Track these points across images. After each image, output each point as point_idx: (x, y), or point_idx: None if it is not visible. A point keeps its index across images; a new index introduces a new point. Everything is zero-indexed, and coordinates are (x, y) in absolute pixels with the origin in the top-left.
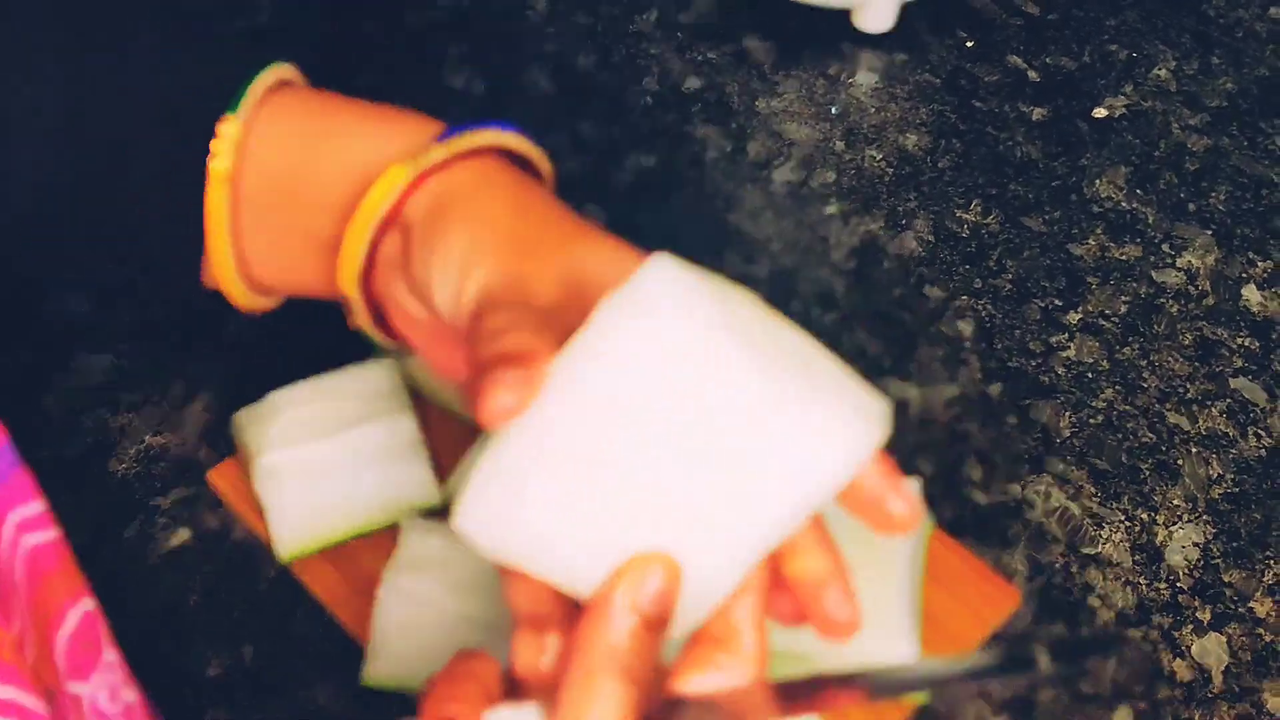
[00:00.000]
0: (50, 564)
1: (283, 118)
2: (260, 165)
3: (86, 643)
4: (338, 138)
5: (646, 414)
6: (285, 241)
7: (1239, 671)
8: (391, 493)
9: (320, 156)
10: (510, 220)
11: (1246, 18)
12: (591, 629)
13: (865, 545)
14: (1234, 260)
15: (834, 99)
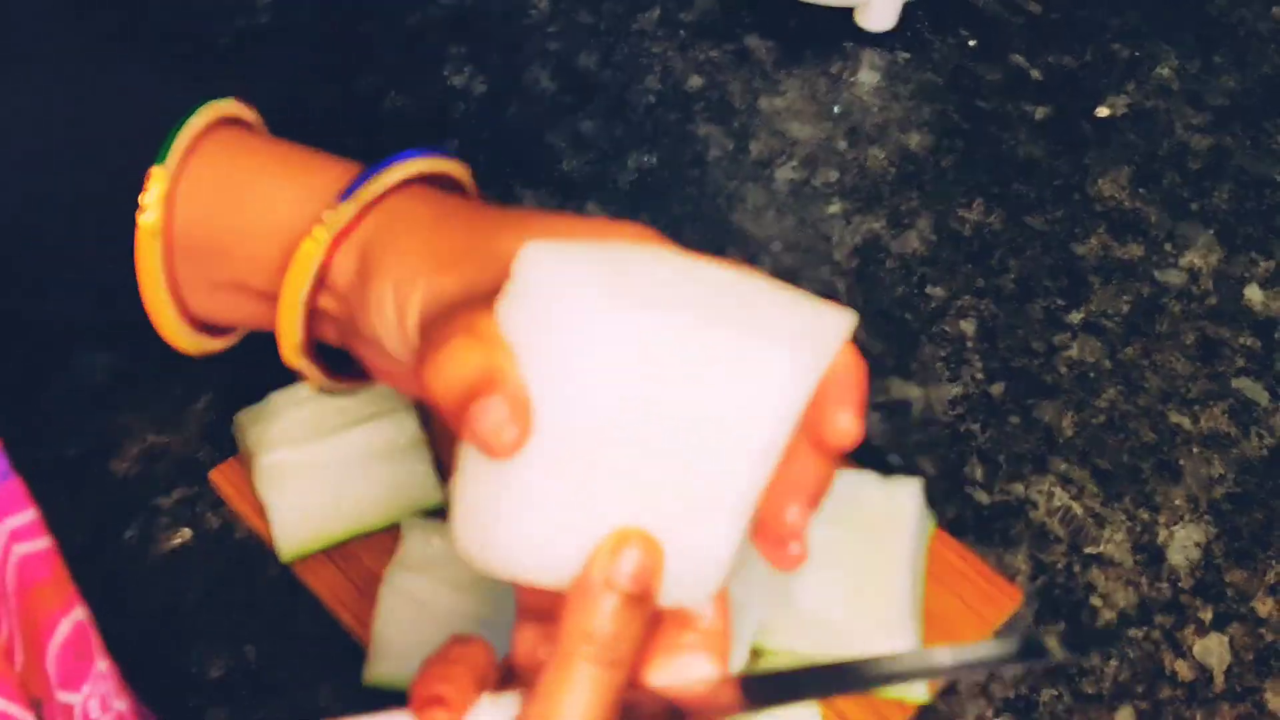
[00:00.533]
0: (42, 573)
1: (208, 169)
2: (187, 218)
3: (78, 652)
4: (260, 193)
5: (585, 404)
6: (222, 292)
7: (1240, 671)
8: (393, 492)
9: (244, 212)
10: (431, 244)
11: (1249, 17)
12: (569, 612)
13: (867, 545)
14: (1236, 260)
15: (836, 98)
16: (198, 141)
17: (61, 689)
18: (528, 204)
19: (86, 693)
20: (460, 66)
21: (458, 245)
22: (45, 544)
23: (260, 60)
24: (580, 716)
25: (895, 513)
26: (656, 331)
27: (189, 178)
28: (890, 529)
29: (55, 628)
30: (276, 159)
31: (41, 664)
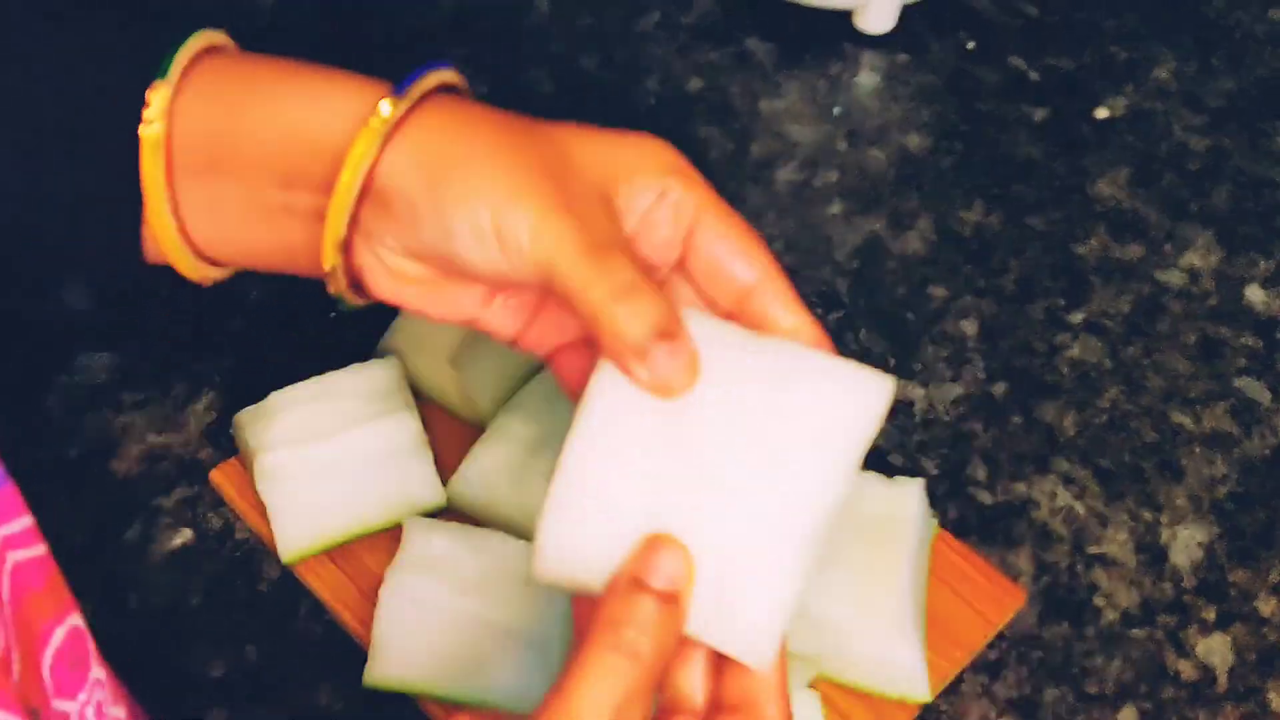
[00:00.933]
0: (37, 581)
1: (211, 81)
2: (190, 130)
3: (74, 660)
4: (269, 100)
5: (683, 428)
6: (224, 208)
7: (1244, 671)
8: (394, 492)
9: (252, 119)
10: (512, 162)
11: (1246, 19)
12: (601, 604)
13: (869, 546)
14: (1236, 260)
15: (836, 99)
16: (194, 63)
17: (58, 697)
18: None
19: (83, 700)
20: (461, 67)
21: (538, 164)
22: (40, 551)
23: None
24: (596, 701)
25: (898, 514)
26: (756, 368)
27: (189, 91)
28: (893, 530)
29: (51, 636)
30: (280, 69)
31: (38, 673)
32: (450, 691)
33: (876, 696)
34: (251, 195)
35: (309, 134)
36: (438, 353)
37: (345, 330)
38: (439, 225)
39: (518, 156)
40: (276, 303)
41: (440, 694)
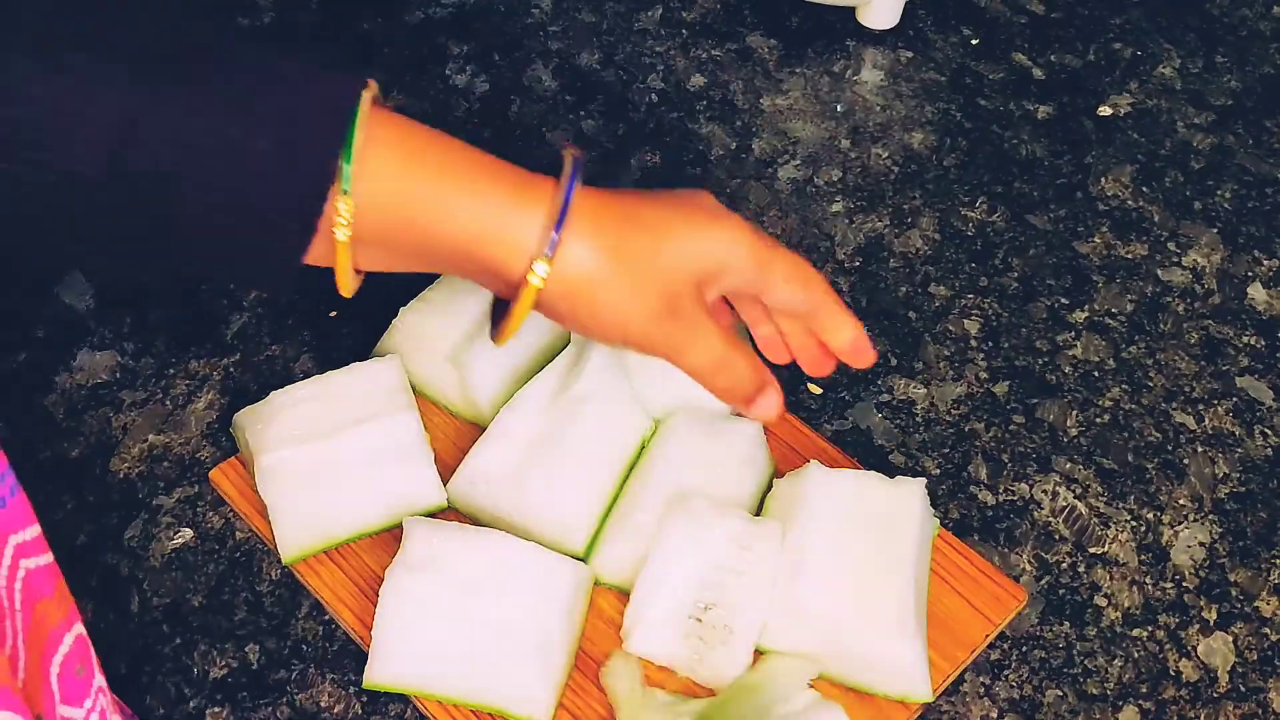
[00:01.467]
0: (46, 588)
1: (385, 166)
2: (369, 222)
3: (80, 667)
4: (443, 203)
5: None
6: (394, 264)
7: (1245, 671)
8: (394, 492)
9: (425, 221)
10: (630, 286)
11: (1251, 16)
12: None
13: (871, 545)
14: (1240, 259)
15: (839, 96)
16: (367, 140)
17: (65, 703)
18: None
19: (88, 707)
20: (462, 65)
21: (655, 293)
22: (49, 559)
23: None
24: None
25: (900, 514)
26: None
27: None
28: (895, 530)
29: (60, 641)
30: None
31: (45, 679)
32: (450, 691)
33: (878, 696)
34: (422, 265)
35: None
36: (437, 352)
37: (345, 330)
38: (577, 326)
39: (640, 290)
40: (276, 302)
41: (440, 694)
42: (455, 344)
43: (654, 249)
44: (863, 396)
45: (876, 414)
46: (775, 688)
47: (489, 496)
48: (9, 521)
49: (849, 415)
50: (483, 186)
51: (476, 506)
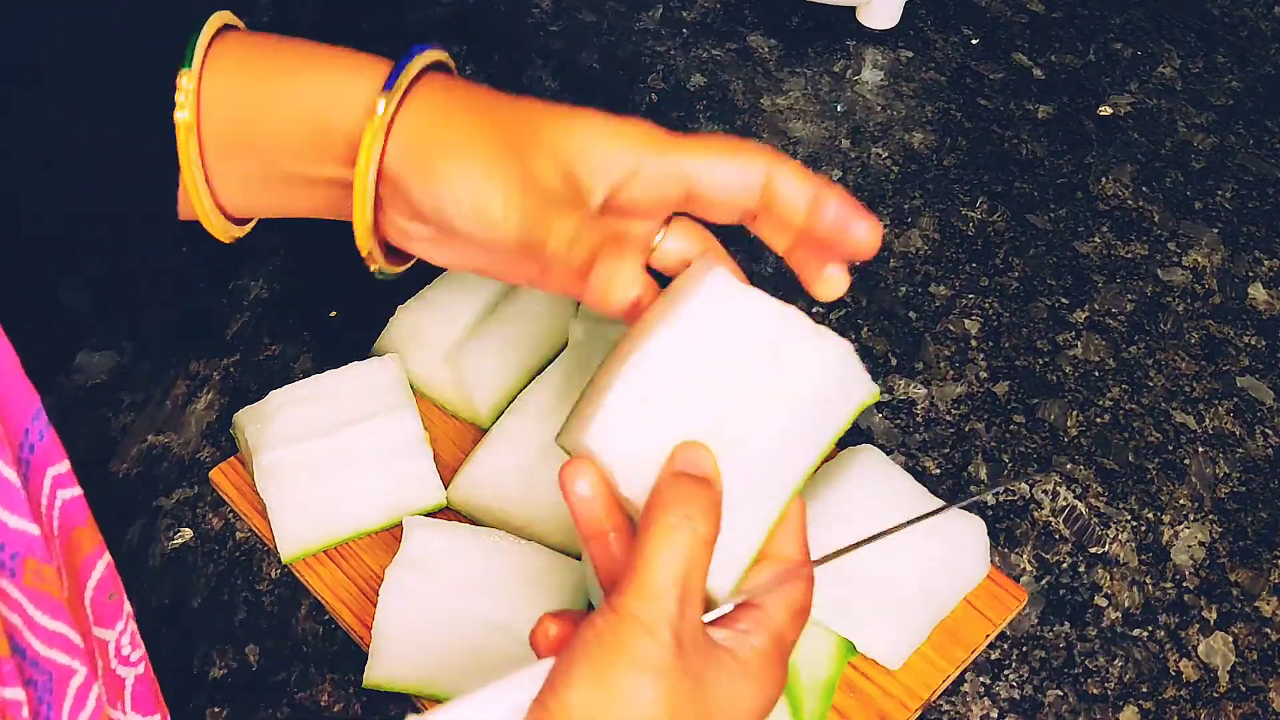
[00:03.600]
0: (80, 517)
1: (232, 64)
2: (216, 113)
3: (112, 593)
4: (286, 82)
5: (719, 371)
6: (251, 179)
7: (1245, 671)
8: (394, 492)
9: (272, 101)
10: (488, 135)
11: (1251, 16)
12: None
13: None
14: (1240, 259)
15: (839, 96)
16: (213, 45)
17: (98, 626)
18: None
19: (119, 629)
20: (462, 65)
21: (506, 148)
22: (79, 492)
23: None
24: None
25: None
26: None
27: (213, 77)
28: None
29: (93, 568)
30: (293, 51)
31: (80, 602)
32: (450, 691)
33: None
34: (276, 169)
35: (324, 118)
36: (434, 351)
37: (344, 330)
38: (431, 203)
39: (492, 142)
40: (276, 302)
41: (440, 694)
42: (452, 343)
43: (518, 116)
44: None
45: (877, 414)
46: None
47: (491, 498)
48: (47, 454)
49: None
50: (324, 59)
51: (477, 506)
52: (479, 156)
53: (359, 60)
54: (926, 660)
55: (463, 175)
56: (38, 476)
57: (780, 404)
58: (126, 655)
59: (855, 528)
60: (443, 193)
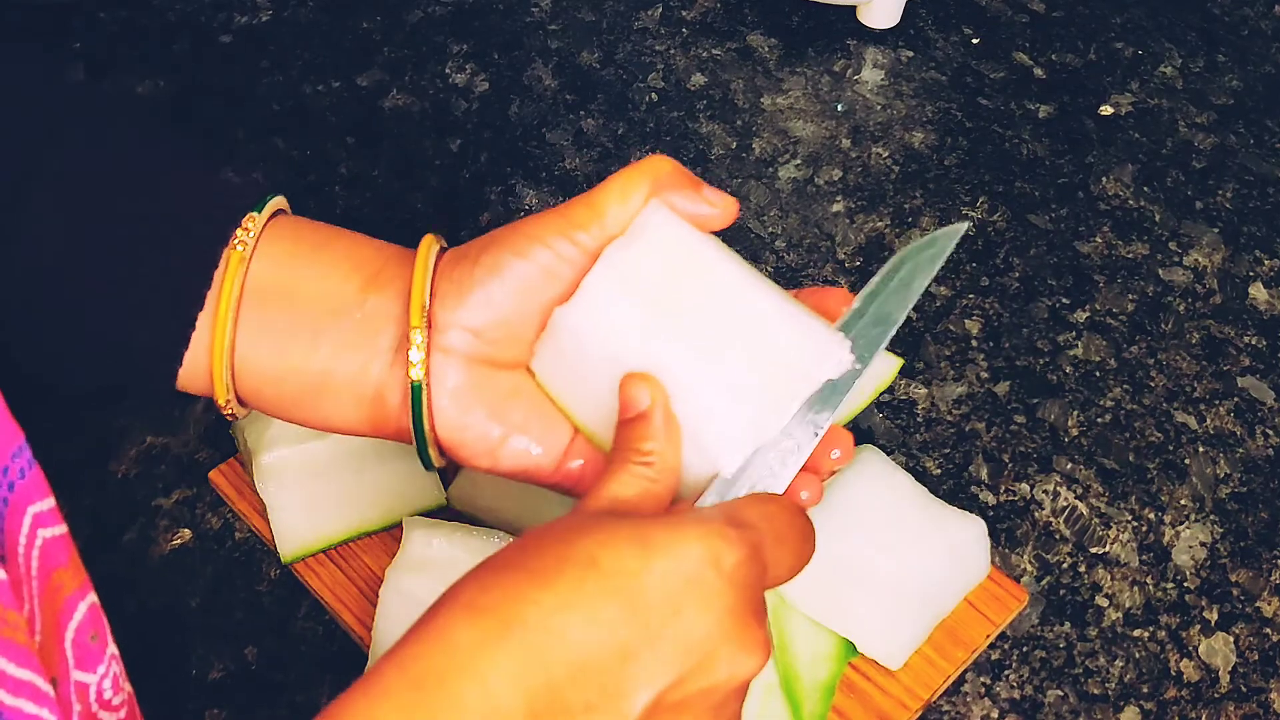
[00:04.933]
0: (61, 557)
1: (279, 233)
2: (259, 269)
3: (93, 634)
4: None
5: (676, 303)
6: (271, 330)
7: (1246, 671)
8: (393, 492)
9: (304, 275)
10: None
11: (1252, 15)
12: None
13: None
14: (1241, 258)
15: (839, 96)
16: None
17: (78, 669)
18: (530, 202)
19: (101, 673)
20: (462, 64)
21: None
22: (63, 529)
23: (261, 58)
24: (624, 501)
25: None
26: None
27: (264, 238)
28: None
29: (75, 609)
30: (325, 239)
31: (60, 645)
32: None
33: (875, 697)
34: (298, 324)
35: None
36: None
37: None
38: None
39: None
40: None
41: None
42: None
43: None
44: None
45: (877, 414)
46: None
47: (491, 498)
48: (27, 492)
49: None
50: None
51: (477, 506)
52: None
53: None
54: (926, 660)
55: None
56: (16, 516)
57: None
58: (109, 700)
59: (856, 528)
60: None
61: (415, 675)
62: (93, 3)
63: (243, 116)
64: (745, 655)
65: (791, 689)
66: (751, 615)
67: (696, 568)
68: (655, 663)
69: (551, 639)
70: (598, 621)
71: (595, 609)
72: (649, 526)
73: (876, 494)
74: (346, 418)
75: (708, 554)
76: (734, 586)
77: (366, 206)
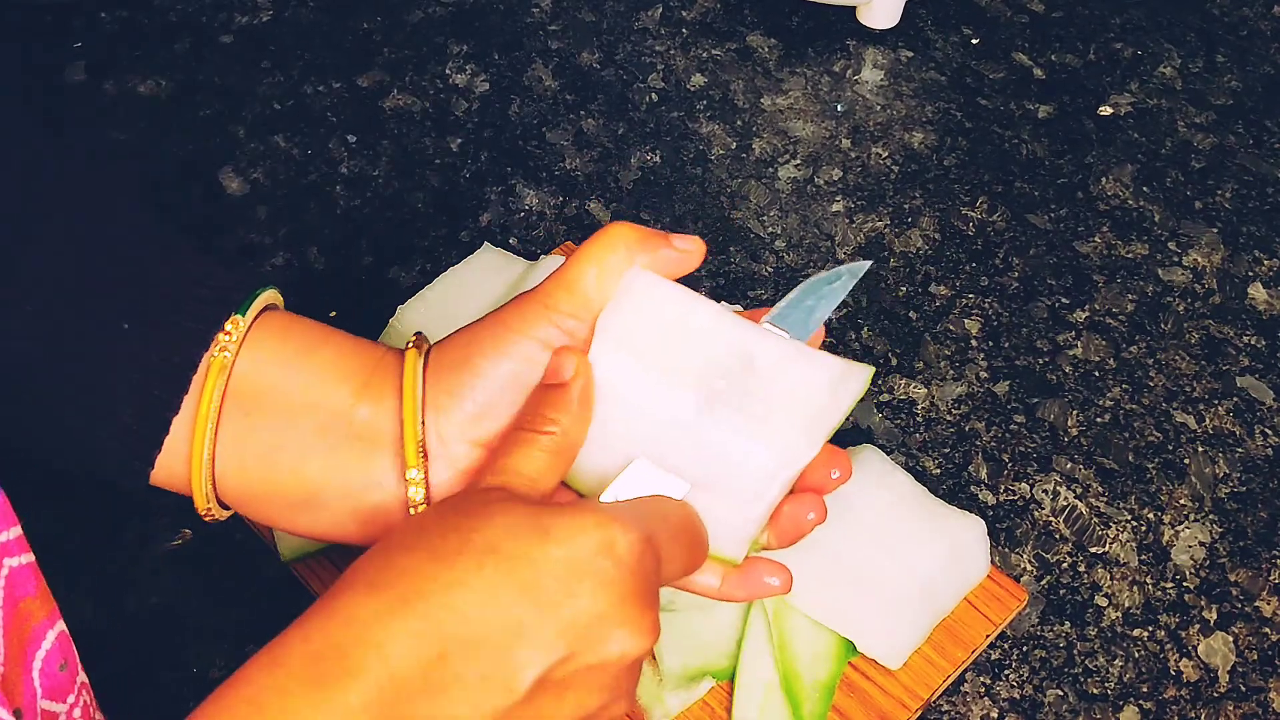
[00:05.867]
0: (29, 587)
1: (266, 334)
2: (244, 371)
3: (63, 664)
4: (302, 373)
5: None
6: (251, 439)
7: (1245, 671)
8: None
9: (290, 382)
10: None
11: (1251, 16)
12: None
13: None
14: (1240, 258)
15: (839, 96)
16: (259, 315)
17: (46, 699)
18: (530, 202)
19: (71, 702)
20: (462, 64)
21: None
22: (30, 558)
23: (262, 58)
24: (524, 461)
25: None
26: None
27: (251, 340)
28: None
29: (43, 638)
30: (313, 344)
31: (26, 675)
32: None
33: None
34: (285, 435)
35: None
36: None
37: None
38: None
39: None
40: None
41: None
42: None
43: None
44: (863, 396)
45: (877, 414)
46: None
47: None
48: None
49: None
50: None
51: None
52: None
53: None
54: (926, 660)
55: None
56: None
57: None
58: None
59: (856, 528)
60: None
61: (316, 647)
62: (93, 3)
63: (243, 116)
64: (636, 636)
65: (791, 689)
66: (643, 600)
67: (591, 555)
68: (546, 639)
69: (448, 614)
70: (494, 600)
71: (492, 589)
72: (549, 516)
73: (876, 494)
74: (341, 529)
75: (603, 542)
76: (628, 573)
77: (366, 206)
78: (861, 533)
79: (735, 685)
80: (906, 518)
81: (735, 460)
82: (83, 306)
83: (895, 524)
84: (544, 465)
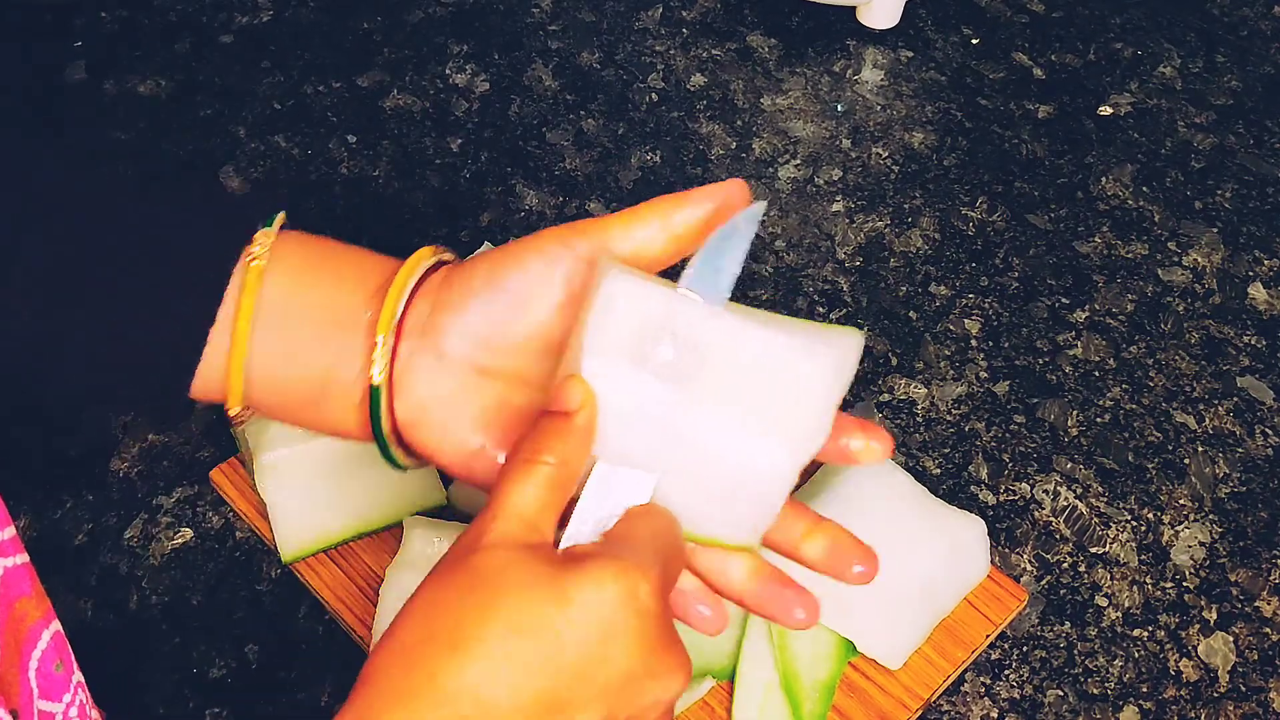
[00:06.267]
0: (24, 586)
1: (290, 252)
2: (270, 284)
3: (58, 663)
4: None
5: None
6: (286, 341)
7: (1245, 671)
8: (393, 492)
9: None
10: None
11: (1251, 16)
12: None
13: None
14: (1240, 258)
15: (839, 96)
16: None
17: (42, 699)
18: (530, 202)
19: (67, 701)
20: (462, 64)
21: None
22: (25, 558)
23: (262, 58)
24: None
25: None
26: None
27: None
28: None
29: (39, 638)
30: (330, 259)
31: (22, 675)
32: None
33: (873, 696)
34: (306, 334)
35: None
36: None
37: None
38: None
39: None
40: None
41: None
42: None
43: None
44: (863, 396)
45: (877, 414)
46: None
47: None
48: None
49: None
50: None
51: (477, 506)
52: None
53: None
54: (926, 660)
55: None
56: None
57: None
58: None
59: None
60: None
61: None
62: (93, 3)
63: (243, 116)
64: (668, 681)
65: (791, 689)
66: (669, 641)
67: (615, 611)
68: (585, 707)
69: (483, 710)
70: (527, 686)
71: (524, 674)
72: (565, 576)
73: (876, 494)
74: (343, 421)
75: (625, 594)
76: (653, 621)
77: (366, 206)
78: (861, 533)
79: (735, 685)
80: (906, 518)
81: (746, 451)
82: (111, 226)
83: (895, 524)
84: (543, 501)
